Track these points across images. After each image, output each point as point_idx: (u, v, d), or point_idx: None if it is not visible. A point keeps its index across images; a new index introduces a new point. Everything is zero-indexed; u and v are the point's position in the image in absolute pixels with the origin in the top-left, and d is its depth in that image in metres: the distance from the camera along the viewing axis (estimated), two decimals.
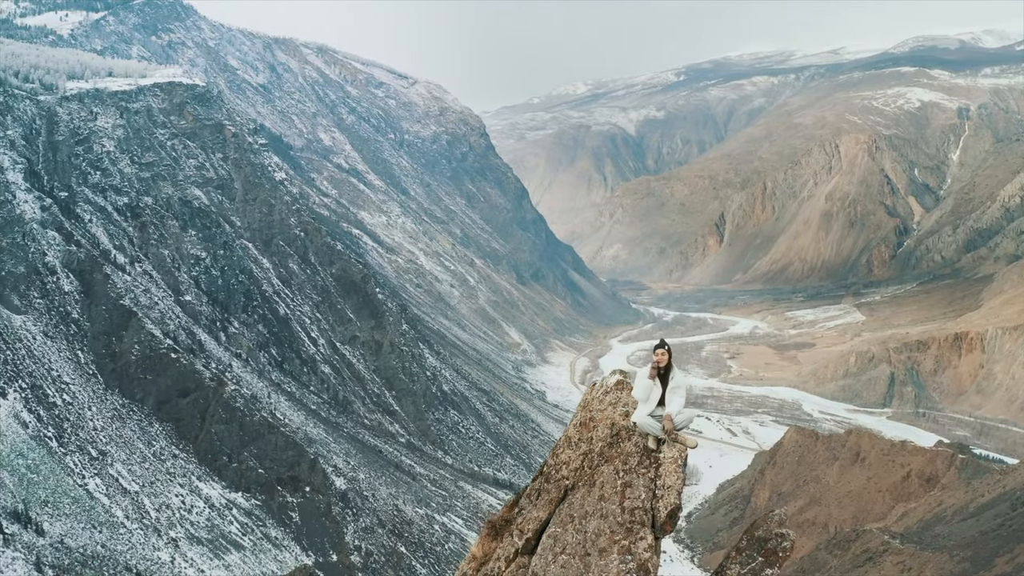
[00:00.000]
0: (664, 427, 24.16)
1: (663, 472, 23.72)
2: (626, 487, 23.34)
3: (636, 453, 24.37)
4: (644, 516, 22.60)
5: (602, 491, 23.82)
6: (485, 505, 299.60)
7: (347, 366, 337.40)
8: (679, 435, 24.32)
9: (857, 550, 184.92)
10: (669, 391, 24.67)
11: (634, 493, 23.09)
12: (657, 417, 24.50)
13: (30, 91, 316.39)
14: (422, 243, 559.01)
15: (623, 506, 22.88)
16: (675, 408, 24.39)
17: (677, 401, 24.56)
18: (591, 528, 23.11)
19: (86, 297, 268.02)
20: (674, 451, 24.13)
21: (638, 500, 22.90)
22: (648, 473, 23.73)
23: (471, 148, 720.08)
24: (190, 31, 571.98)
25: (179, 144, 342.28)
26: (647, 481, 23.47)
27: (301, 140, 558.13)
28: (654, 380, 24.79)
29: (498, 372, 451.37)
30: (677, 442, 24.30)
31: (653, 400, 24.56)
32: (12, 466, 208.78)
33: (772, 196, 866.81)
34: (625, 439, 25.13)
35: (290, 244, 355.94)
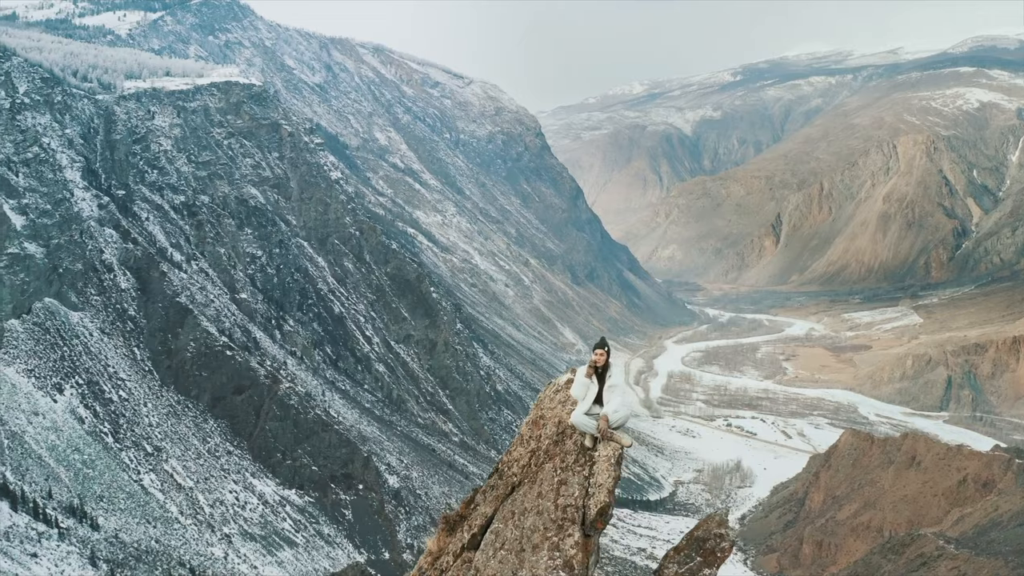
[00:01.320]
0: (599, 426, 24.14)
1: (596, 470, 23.84)
2: (561, 484, 23.56)
3: (574, 451, 24.51)
4: (575, 513, 22.81)
5: (541, 488, 24.08)
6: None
7: (401, 365, 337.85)
8: (614, 434, 24.17)
9: (911, 555, 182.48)
10: (606, 390, 24.57)
11: (568, 491, 23.32)
12: (594, 416, 24.48)
13: (88, 90, 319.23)
14: (477, 242, 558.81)
15: (557, 503, 23.14)
16: (611, 407, 24.29)
17: (615, 400, 24.42)
18: (528, 524, 23.44)
19: (143, 294, 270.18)
20: (609, 449, 24.10)
21: (571, 498, 23.12)
22: (583, 471, 23.86)
23: (526, 148, 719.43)
24: (247, 31, 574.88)
25: (236, 143, 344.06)
26: (581, 479, 23.62)
27: (357, 139, 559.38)
28: (591, 379, 24.83)
29: (552, 372, 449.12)
30: (612, 441, 24.20)
31: (590, 398, 24.52)
32: (68, 461, 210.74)
33: (829, 197, 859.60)
34: (568, 437, 25.21)
35: (345, 243, 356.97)
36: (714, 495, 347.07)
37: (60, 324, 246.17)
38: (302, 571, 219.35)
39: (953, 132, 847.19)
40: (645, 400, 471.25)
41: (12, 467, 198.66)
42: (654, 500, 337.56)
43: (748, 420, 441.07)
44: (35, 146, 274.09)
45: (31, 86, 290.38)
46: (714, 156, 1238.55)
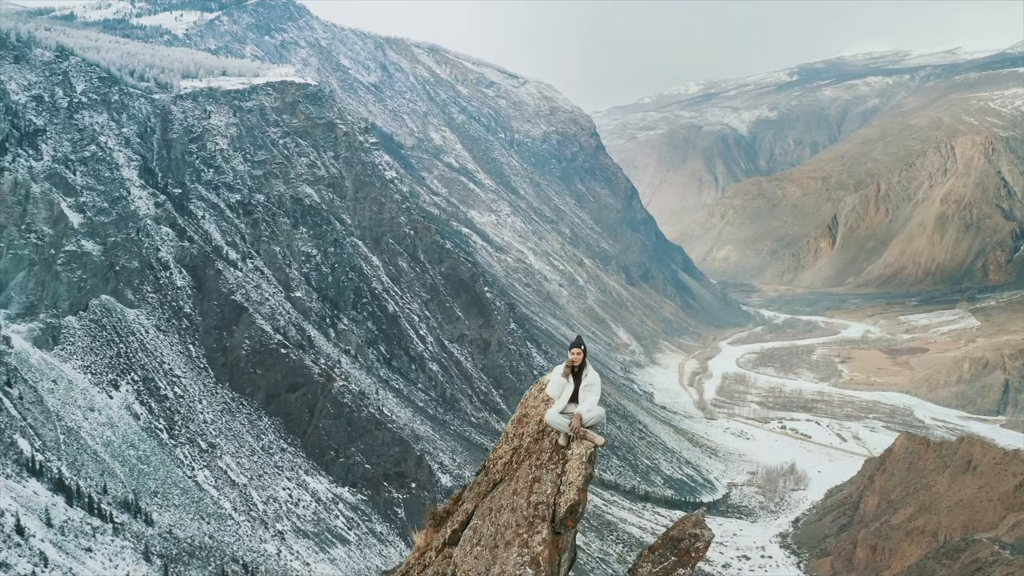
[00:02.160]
0: (571, 424, 24.45)
1: (568, 468, 24.08)
2: (535, 482, 23.73)
3: (548, 449, 24.75)
4: (546, 511, 22.95)
5: (517, 485, 24.31)
6: (590, 505, 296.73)
7: (455, 364, 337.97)
8: (587, 432, 24.47)
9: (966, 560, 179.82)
10: (582, 389, 24.97)
11: (541, 488, 23.48)
12: (568, 415, 24.80)
13: (145, 89, 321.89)
14: (531, 242, 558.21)
15: (529, 500, 23.28)
16: (586, 406, 24.64)
17: (589, 400, 24.78)
18: (502, 521, 23.67)
19: (198, 292, 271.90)
20: (581, 448, 24.38)
21: (543, 495, 23.28)
22: (556, 469, 24.07)
23: (581, 148, 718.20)
24: (303, 31, 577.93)
25: (291, 142, 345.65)
26: (554, 477, 23.83)
27: (412, 139, 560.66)
28: (567, 378, 25.30)
29: (605, 372, 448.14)
30: (585, 439, 24.48)
31: (565, 397, 24.97)
32: (123, 457, 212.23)
33: (886, 198, 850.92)
34: (547, 435, 25.49)
35: (400, 242, 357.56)
36: (768, 498, 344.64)
37: (116, 321, 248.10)
38: (354, 569, 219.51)
39: (1012, 133, 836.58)
40: (699, 402, 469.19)
41: (68, 462, 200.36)
42: (707, 502, 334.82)
43: (803, 423, 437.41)
44: (92, 145, 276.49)
45: (88, 85, 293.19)
46: (770, 157, 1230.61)
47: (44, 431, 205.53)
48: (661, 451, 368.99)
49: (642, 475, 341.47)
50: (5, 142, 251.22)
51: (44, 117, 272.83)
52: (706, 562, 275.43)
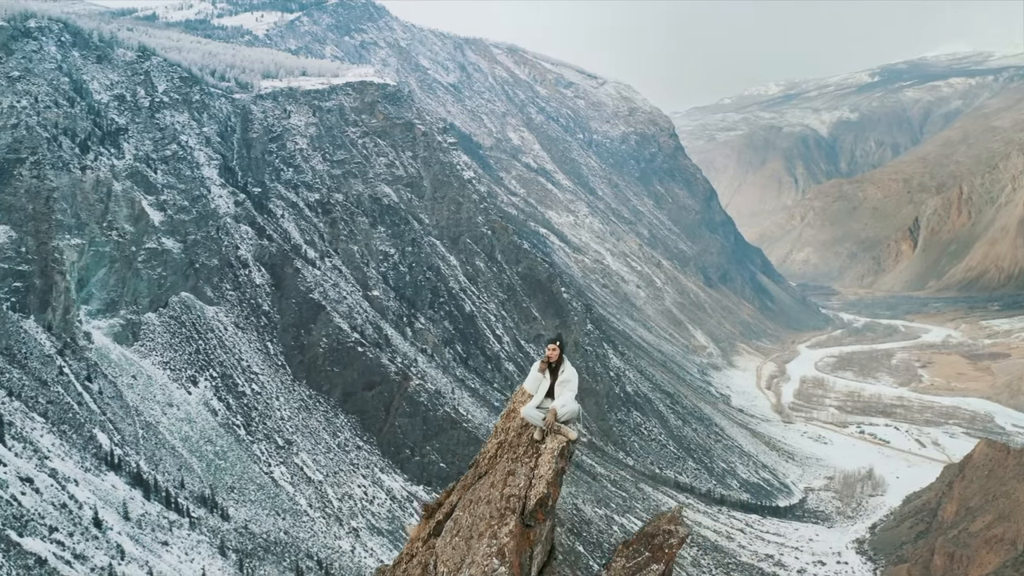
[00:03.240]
0: (546, 419, 24.89)
1: (540, 462, 24.35)
2: (509, 475, 24.08)
3: (525, 443, 25.10)
4: (517, 503, 23.25)
5: (494, 478, 24.70)
6: (665, 508, 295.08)
7: (530, 364, 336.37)
8: (561, 427, 24.85)
9: None
10: (558, 384, 25.47)
11: (515, 481, 23.81)
12: (544, 410, 25.29)
13: (226, 89, 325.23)
14: (609, 243, 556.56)
15: (503, 493, 23.61)
16: (560, 402, 25.11)
17: (565, 395, 25.19)
18: (479, 512, 24.09)
19: (276, 290, 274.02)
20: (555, 442, 24.64)
21: (516, 488, 23.60)
22: (530, 463, 24.36)
23: (660, 148, 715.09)
24: (382, 31, 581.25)
25: (370, 142, 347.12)
26: (528, 470, 24.13)
27: (490, 139, 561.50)
28: (544, 373, 25.91)
29: (682, 375, 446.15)
30: (559, 434, 24.79)
31: (541, 392, 25.54)
32: (201, 452, 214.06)
33: (968, 201, 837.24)
34: (528, 430, 25.87)
35: (477, 242, 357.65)
36: (844, 503, 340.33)
37: (196, 318, 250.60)
38: None
39: None
40: (776, 405, 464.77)
41: (146, 457, 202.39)
42: (783, 506, 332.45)
43: (881, 427, 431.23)
44: (173, 144, 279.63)
45: (170, 85, 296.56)
46: (851, 158, 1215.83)
47: (123, 426, 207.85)
48: (737, 454, 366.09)
49: (718, 478, 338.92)
50: (88, 141, 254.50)
51: (126, 116, 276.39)
52: (781, 567, 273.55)
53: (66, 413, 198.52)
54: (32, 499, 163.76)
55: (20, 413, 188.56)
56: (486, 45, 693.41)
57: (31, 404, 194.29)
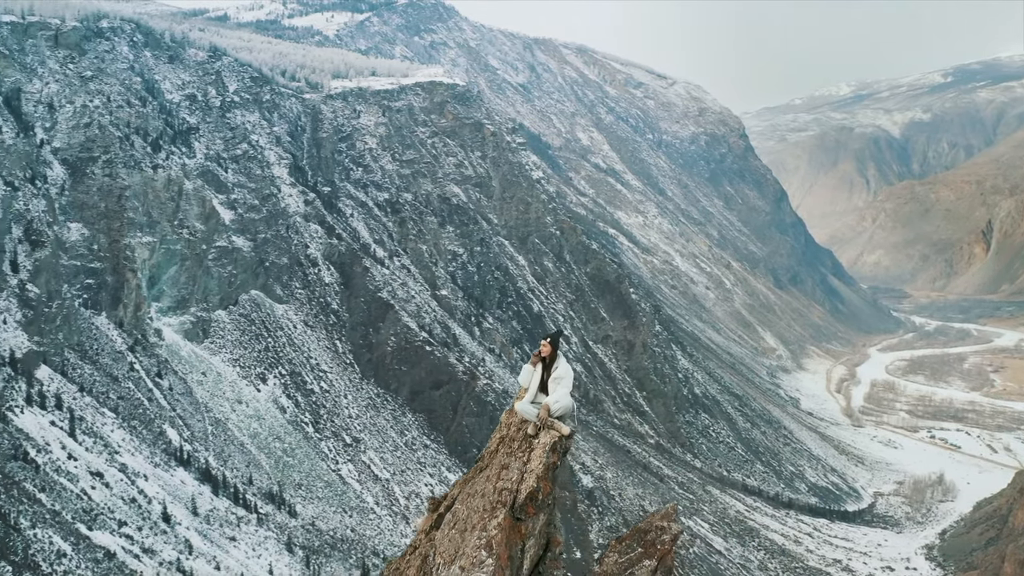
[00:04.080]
0: (539, 414, 25.23)
1: (532, 457, 24.71)
2: (503, 469, 24.53)
3: (519, 438, 25.52)
4: (508, 497, 23.61)
5: (490, 472, 25.14)
6: (732, 511, 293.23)
7: (599, 365, 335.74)
8: (554, 422, 25.17)
9: None
10: (552, 380, 25.63)
11: (508, 475, 24.19)
12: (538, 405, 25.63)
13: (296, 89, 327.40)
14: (678, 244, 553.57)
15: (496, 486, 24.01)
16: (553, 398, 25.33)
17: (559, 391, 25.40)
18: (474, 506, 24.51)
19: (345, 289, 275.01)
20: (547, 437, 24.94)
21: (509, 482, 23.97)
22: (523, 457, 24.74)
23: (730, 149, 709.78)
24: (452, 31, 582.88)
25: (439, 142, 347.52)
26: (520, 464, 24.49)
27: (559, 139, 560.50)
28: (535, 367, 26.03)
29: (751, 377, 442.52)
30: (552, 429, 25.12)
31: (534, 387, 25.78)
32: (269, 449, 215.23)
33: None
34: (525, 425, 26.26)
35: (546, 242, 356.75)
36: (914, 508, 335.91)
37: (265, 316, 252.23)
38: None
39: None
40: (846, 408, 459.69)
41: (215, 453, 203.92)
42: (852, 511, 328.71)
43: (952, 432, 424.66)
44: (244, 143, 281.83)
45: (241, 85, 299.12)
46: (923, 160, 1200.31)
47: (193, 422, 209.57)
48: (806, 458, 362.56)
49: (786, 482, 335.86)
50: (159, 140, 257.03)
51: (197, 116, 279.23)
52: (849, 572, 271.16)
53: (136, 409, 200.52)
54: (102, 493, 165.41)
55: (91, 408, 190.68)
56: (555, 45, 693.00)
57: (102, 400, 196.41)
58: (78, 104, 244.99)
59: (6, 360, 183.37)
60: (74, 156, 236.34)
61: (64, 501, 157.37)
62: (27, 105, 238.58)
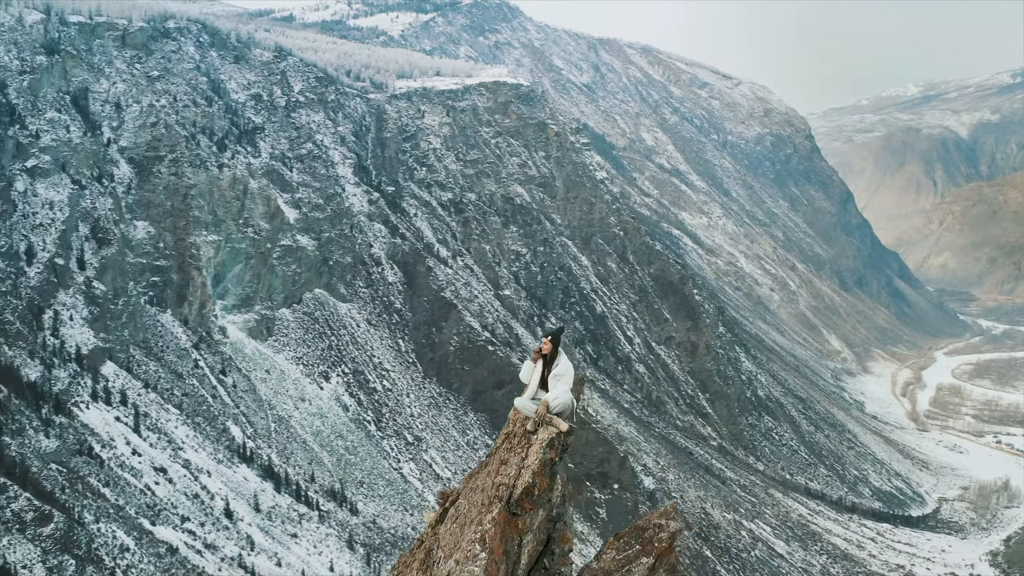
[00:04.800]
0: (538, 411, 25.39)
1: (529, 452, 24.88)
2: (502, 464, 24.70)
3: (519, 434, 25.66)
4: (505, 492, 23.76)
5: (491, 467, 25.31)
6: (795, 514, 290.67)
7: (662, 366, 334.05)
8: (552, 418, 25.35)
9: None
10: (552, 377, 25.91)
11: (507, 470, 24.38)
12: (538, 401, 25.76)
13: (360, 89, 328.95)
14: (743, 245, 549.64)
15: (494, 481, 24.16)
16: (553, 394, 25.54)
17: (559, 388, 25.66)
18: (474, 500, 24.75)
19: (409, 288, 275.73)
20: (545, 433, 25.16)
21: (507, 477, 24.14)
22: (521, 453, 24.90)
23: (795, 150, 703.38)
24: (516, 32, 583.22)
25: (503, 142, 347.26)
26: (519, 460, 24.65)
27: (624, 140, 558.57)
28: (536, 364, 26.35)
29: (815, 380, 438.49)
30: (551, 425, 25.31)
31: (534, 383, 26.03)
32: (331, 447, 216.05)
33: None
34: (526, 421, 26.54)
35: (609, 243, 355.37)
36: (979, 514, 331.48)
37: (329, 314, 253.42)
38: None
39: None
40: (911, 412, 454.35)
41: (278, 450, 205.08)
42: (916, 516, 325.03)
43: (1019, 438, 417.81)
44: (309, 143, 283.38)
45: (306, 85, 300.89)
46: (991, 161, 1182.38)
47: (256, 419, 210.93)
48: (870, 462, 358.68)
49: (850, 486, 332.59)
50: (225, 139, 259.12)
51: (263, 115, 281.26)
52: None
53: (200, 406, 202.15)
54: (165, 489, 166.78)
55: (156, 405, 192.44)
56: (620, 45, 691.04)
57: (167, 396, 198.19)
58: (145, 104, 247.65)
59: (72, 356, 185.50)
60: (141, 155, 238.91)
61: (128, 496, 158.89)
62: (94, 105, 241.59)
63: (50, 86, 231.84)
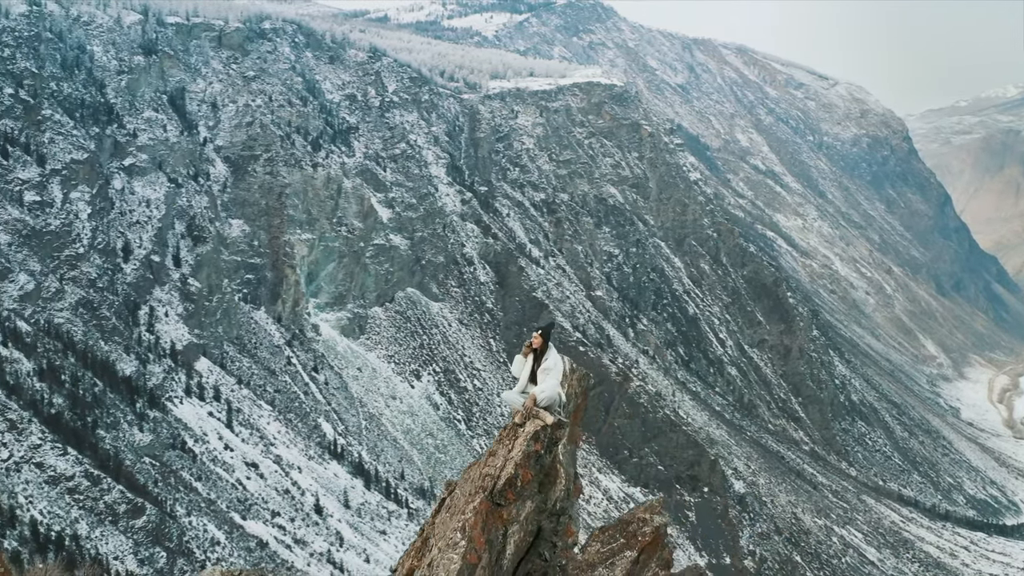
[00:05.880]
0: (525, 404, 25.56)
1: (515, 445, 25.07)
2: (491, 456, 25.12)
3: (509, 426, 25.98)
4: (489, 483, 24.16)
5: (484, 459, 25.65)
6: (887, 521, 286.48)
7: (754, 369, 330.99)
8: (539, 412, 25.40)
9: None
10: (541, 371, 25.90)
11: (494, 462, 24.77)
12: (526, 395, 25.95)
13: (454, 89, 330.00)
14: (838, 248, 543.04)
15: (481, 472, 24.68)
16: (540, 388, 25.65)
17: (547, 382, 25.72)
18: (464, 491, 25.12)
19: (500, 288, 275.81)
20: (531, 426, 25.20)
21: (493, 468, 24.56)
22: (509, 445, 25.17)
23: (892, 152, 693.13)
24: (610, 32, 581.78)
25: (596, 143, 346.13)
26: (506, 452, 24.99)
27: (718, 141, 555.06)
28: (526, 358, 26.27)
29: (910, 385, 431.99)
30: (537, 419, 25.29)
31: (524, 377, 26.06)
32: (421, 445, 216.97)
33: None
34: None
35: (702, 244, 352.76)
36: None
37: (421, 313, 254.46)
38: None
39: None
40: (1008, 420, 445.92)
41: (368, 447, 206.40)
42: (1010, 525, 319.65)
43: None
44: (402, 143, 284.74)
45: (400, 85, 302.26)
46: None
47: (347, 416, 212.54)
48: (965, 469, 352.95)
49: (943, 493, 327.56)
50: (319, 139, 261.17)
51: (357, 115, 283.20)
52: None
53: (292, 402, 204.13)
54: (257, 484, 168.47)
55: (248, 401, 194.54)
56: (715, 45, 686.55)
57: (259, 392, 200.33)
58: (240, 103, 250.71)
59: (167, 352, 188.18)
60: (236, 154, 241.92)
61: (219, 490, 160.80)
62: (191, 104, 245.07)
63: (147, 86, 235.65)
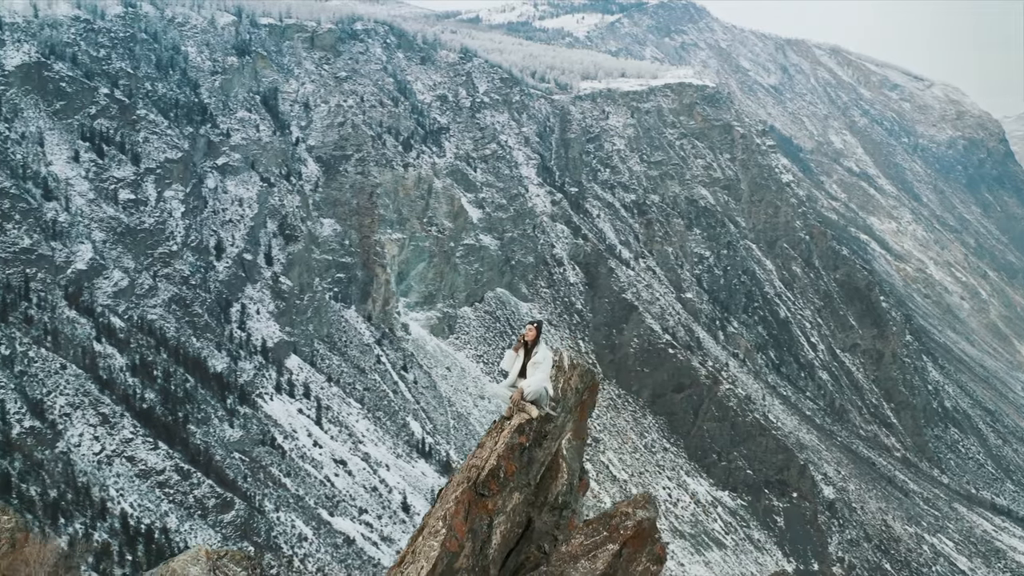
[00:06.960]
0: (512, 397, 25.75)
1: (500, 436, 25.26)
2: (480, 447, 25.36)
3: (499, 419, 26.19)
4: (474, 473, 24.39)
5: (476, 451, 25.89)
6: (979, 530, 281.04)
7: (845, 374, 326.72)
8: (525, 405, 25.51)
9: None
10: (530, 365, 25.96)
11: (481, 453, 25.02)
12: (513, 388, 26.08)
13: (545, 90, 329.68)
14: (932, 252, 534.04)
15: (469, 463, 24.80)
16: (528, 381, 25.72)
17: (536, 376, 25.77)
18: (455, 480, 25.15)
19: (590, 289, 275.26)
20: (517, 419, 25.42)
21: (479, 459, 24.77)
22: (495, 437, 25.32)
23: (989, 154, 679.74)
24: (702, 32, 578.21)
25: (687, 144, 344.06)
26: (492, 444, 25.12)
27: (811, 142, 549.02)
28: (518, 353, 26.32)
29: (1005, 392, 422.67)
30: (523, 412, 25.48)
31: (515, 371, 26.21)
32: None
33: None
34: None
35: (794, 247, 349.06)
36: None
37: (510, 314, 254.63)
38: (728, 573, 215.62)
39: None
40: None
41: (456, 446, 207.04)
42: None
43: None
44: (493, 143, 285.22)
45: (490, 86, 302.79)
46: None
47: (436, 415, 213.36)
48: None
49: None
50: (410, 139, 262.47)
51: (448, 116, 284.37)
52: None
53: (381, 400, 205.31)
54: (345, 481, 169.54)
55: (338, 398, 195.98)
56: (808, 46, 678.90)
57: (348, 390, 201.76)
58: (332, 104, 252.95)
59: (258, 349, 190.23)
60: (328, 154, 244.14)
61: (308, 487, 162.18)
62: (283, 104, 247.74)
63: (241, 86, 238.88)
